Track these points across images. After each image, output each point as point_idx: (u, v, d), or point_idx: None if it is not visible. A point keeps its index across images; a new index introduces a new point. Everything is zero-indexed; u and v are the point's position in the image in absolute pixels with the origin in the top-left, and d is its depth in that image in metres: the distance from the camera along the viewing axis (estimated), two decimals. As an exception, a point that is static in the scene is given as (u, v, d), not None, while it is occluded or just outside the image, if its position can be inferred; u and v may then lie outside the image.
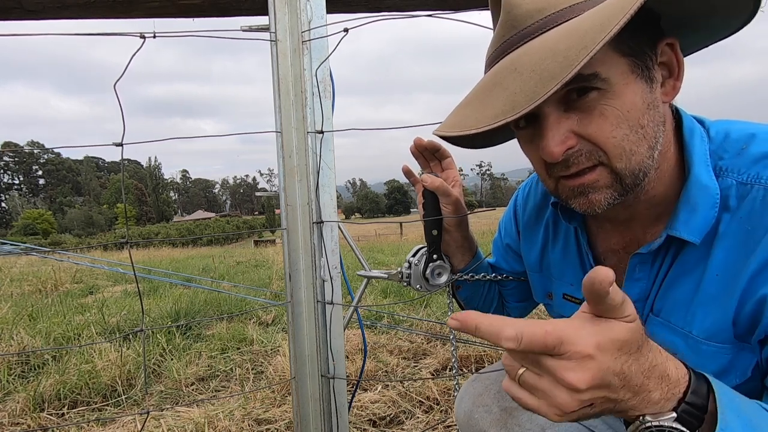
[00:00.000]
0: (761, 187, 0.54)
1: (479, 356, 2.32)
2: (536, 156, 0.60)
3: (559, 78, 0.47)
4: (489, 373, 0.92)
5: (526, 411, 0.81)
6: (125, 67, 0.80)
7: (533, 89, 0.49)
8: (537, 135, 0.58)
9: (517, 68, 0.53)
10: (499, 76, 0.55)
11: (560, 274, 0.80)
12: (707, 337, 0.58)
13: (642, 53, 0.54)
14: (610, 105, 0.53)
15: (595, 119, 0.54)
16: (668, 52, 0.58)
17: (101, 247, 14.96)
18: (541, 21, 0.54)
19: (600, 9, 0.50)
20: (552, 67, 0.49)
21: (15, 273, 7.47)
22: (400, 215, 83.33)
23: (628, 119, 0.53)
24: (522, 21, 0.55)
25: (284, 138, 0.93)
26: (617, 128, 0.53)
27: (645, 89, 0.54)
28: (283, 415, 1.86)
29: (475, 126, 0.54)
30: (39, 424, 1.94)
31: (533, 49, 0.52)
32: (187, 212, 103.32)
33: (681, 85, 0.59)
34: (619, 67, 0.53)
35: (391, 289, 4.18)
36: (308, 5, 0.91)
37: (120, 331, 3.21)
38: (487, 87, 0.57)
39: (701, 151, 0.59)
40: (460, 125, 0.57)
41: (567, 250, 0.78)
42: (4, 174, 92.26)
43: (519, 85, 0.51)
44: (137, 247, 17.34)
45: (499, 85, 0.54)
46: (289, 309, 0.97)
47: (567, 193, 0.60)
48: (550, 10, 0.54)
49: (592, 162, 0.55)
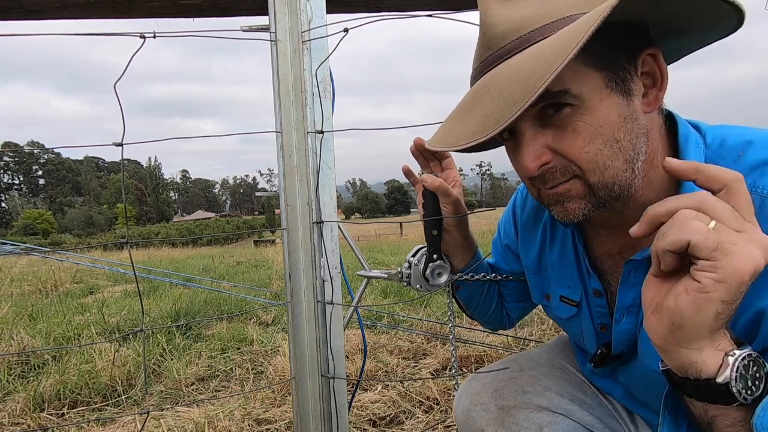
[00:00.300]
0: (758, 196, 0.54)
1: (479, 356, 2.32)
2: (519, 166, 0.62)
3: (521, 103, 0.49)
4: (487, 372, 0.92)
5: (523, 409, 0.81)
6: (125, 67, 0.80)
7: (500, 112, 0.51)
8: (517, 148, 0.60)
9: (490, 90, 0.55)
10: (476, 96, 0.57)
11: (557, 276, 0.80)
12: None
13: (618, 66, 0.55)
14: (582, 121, 0.54)
15: (568, 135, 0.55)
16: (650, 62, 0.57)
17: (101, 247, 14.97)
18: (515, 41, 0.55)
19: (567, 30, 0.51)
20: (515, 92, 0.51)
21: (15, 273, 7.48)
22: (400, 215, 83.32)
23: (601, 134, 0.54)
24: (497, 42, 0.57)
25: (284, 138, 0.93)
26: (590, 143, 0.54)
27: (621, 103, 0.55)
28: (283, 415, 1.86)
29: (456, 143, 0.57)
30: (39, 424, 1.94)
31: (504, 72, 0.54)
32: (187, 212, 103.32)
33: (664, 95, 0.59)
34: (593, 82, 0.53)
35: (391, 289, 4.18)
36: (308, 5, 0.91)
37: (120, 331, 3.21)
38: (466, 106, 0.59)
39: (696, 158, 0.59)
40: (446, 140, 0.59)
41: (564, 252, 0.78)
42: (4, 174, 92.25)
43: (490, 107, 0.53)
44: (137, 247, 17.35)
45: (475, 105, 0.57)
46: (289, 309, 0.97)
47: (547, 201, 0.62)
48: (524, 31, 0.55)
49: (566, 177, 0.57)
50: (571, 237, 0.76)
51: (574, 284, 0.77)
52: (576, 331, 0.81)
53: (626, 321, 0.68)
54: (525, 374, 0.88)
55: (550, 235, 0.81)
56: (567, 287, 0.78)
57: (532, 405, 0.82)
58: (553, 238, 0.80)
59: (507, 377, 0.88)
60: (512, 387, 0.86)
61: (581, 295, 0.76)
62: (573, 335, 0.84)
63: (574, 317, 0.79)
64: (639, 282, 0.64)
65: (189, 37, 0.87)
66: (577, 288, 0.76)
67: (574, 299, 0.77)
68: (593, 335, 0.76)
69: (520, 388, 0.85)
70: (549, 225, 0.81)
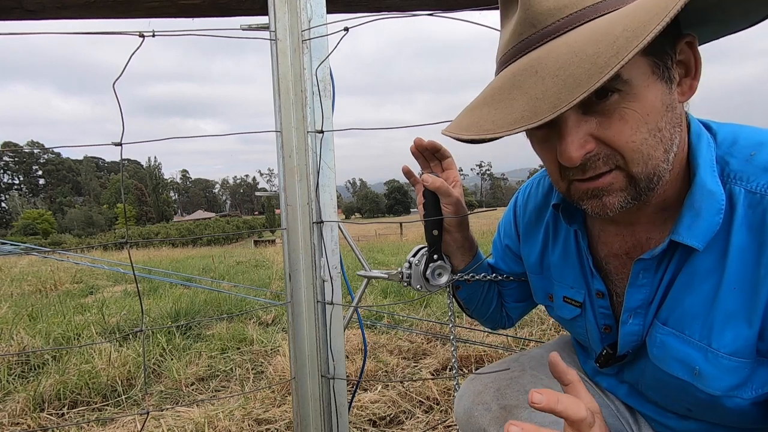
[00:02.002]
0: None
1: (479, 356, 2.31)
2: (551, 157, 0.58)
3: (586, 86, 0.45)
4: (488, 372, 0.92)
5: (525, 409, 0.81)
6: (124, 67, 0.80)
7: (557, 95, 0.47)
8: (553, 136, 0.56)
9: (539, 71, 0.50)
10: (518, 77, 0.52)
11: (560, 276, 0.79)
12: (730, 353, 0.56)
13: (663, 52, 0.52)
14: (630, 108, 0.51)
15: (615, 123, 0.52)
16: (687, 50, 0.55)
17: (101, 247, 14.96)
18: (563, 20, 0.51)
19: (631, 12, 0.47)
20: (578, 73, 0.46)
21: (15, 273, 7.47)
22: (400, 215, 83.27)
23: (647, 122, 0.52)
24: (542, 19, 0.52)
25: (284, 138, 0.93)
26: (637, 132, 0.52)
27: (665, 90, 0.52)
28: (283, 415, 1.86)
29: (493, 130, 0.51)
30: (39, 424, 1.93)
31: (556, 51, 0.49)
32: (187, 212, 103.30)
33: (698, 84, 0.57)
34: (641, 67, 0.51)
35: (391, 289, 4.17)
36: (308, 4, 0.91)
37: (120, 331, 3.20)
38: (504, 88, 0.53)
39: (707, 156, 0.57)
40: (477, 127, 0.54)
41: (567, 252, 0.77)
42: (4, 174, 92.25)
43: (541, 90, 0.48)
44: (137, 247, 17.34)
45: (518, 87, 0.51)
46: (289, 309, 0.97)
47: (580, 195, 0.58)
48: (572, 9, 0.51)
49: (609, 166, 0.54)
50: (573, 237, 0.75)
51: (578, 285, 0.76)
52: (581, 332, 0.80)
53: (633, 322, 0.67)
54: (527, 374, 0.88)
55: (553, 235, 0.80)
56: (570, 288, 0.78)
57: None
58: (555, 238, 0.80)
59: (509, 377, 0.88)
60: (514, 387, 0.85)
61: (585, 296, 0.75)
62: (577, 335, 0.84)
63: (578, 318, 0.78)
64: (647, 283, 0.63)
65: (189, 36, 0.87)
66: (580, 289, 0.76)
67: (577, 300, 0.77)
68: (598, 335, 0.76)
69: (522, 388, 0.85)
70: (552, 225, 0.81)
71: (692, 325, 0.60)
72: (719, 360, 0.57)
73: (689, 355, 0.60)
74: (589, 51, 0.46)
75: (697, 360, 0.59)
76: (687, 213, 0.57)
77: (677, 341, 0.61)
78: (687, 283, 0.60)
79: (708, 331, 0.58)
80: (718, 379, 0.56)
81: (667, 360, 0.63)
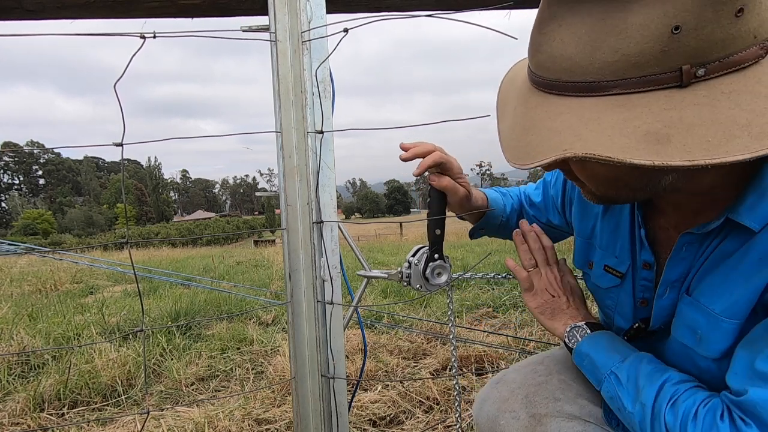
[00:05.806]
0: None
1: (479, 356, 2.31)
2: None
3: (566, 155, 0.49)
4: (514, 376, 0.90)
5: (555, 418, 0.79)
6: (125, 68, 0.80)
7: (550, 150, 0.51)
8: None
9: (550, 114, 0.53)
10: (530, 106, 0.56)
11: (607, 244, 0.80)
12: (729, 315, 0.57)
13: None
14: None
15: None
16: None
17: (101, 247, 14.96)
18: (584, 84, 0.51)
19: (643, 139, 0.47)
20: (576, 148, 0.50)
21: (15, 273, 7.47)
22: (400, 215, 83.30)
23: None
24: (556, 74, 0.53)
25: (284, 138, 0.93)
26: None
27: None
28: (283, 415, 1.86)
29: (529, 160, 0.53)
30: (39, 424, 1.94)
31: (567, 116, 0.51)
32: (187, 212, 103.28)
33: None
34: None
35: (391, 289, 4.17)
36: (308, 5, 0.91)
37: (120, 331, 3.20)
38: (525, 108, 0.57)
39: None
40: (520, 153, 0.55)
41: (619, 222, 0.78)
42: (4, 174, 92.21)
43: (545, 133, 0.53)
44: (137, 247, 17.34)
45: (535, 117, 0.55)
46: (289, 309, 0.97)
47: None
48: (590, 76, 0.50)
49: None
50: (630, 207, 0.76)
51: (623, 255, 0.77)
52: (610, 303, 0.81)
53: (668, 296, 0.68)
54: (554, 378, 0.86)
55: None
56: (615, 257, 0.78)
57: (564, 413, 0.80)
58: (609, 207, 0.81)
59: (536, 382, 0.86)
60: (543, 393, 0.83)
61: (628, 267, 0.76)
62: (605, 306, 0.84)
63: (614, 288, 0.79)
64: (689, 257, 0.64)
65: (189, 37, 0.87)
66: (625, 259, 0.77)
67: (620, 270, 0.77)
68: (630, 308, 0.76)
69: (551, 395, 0.83)
70: None
71: (709, 294, 0.60)
72: (719, 323, 0.58)
73: (695, 320, 0.61)
74: (590, 139, 0.50)
75: (701, 324, 0.60)
76: (751, 193, 0.56)
77: (691, 309, 0.62)
78: (718, 259, 0.60)
79: (717, 297, 0.59)
80: (715, 341, 0.57)
81: (681, 328, 0.64)
